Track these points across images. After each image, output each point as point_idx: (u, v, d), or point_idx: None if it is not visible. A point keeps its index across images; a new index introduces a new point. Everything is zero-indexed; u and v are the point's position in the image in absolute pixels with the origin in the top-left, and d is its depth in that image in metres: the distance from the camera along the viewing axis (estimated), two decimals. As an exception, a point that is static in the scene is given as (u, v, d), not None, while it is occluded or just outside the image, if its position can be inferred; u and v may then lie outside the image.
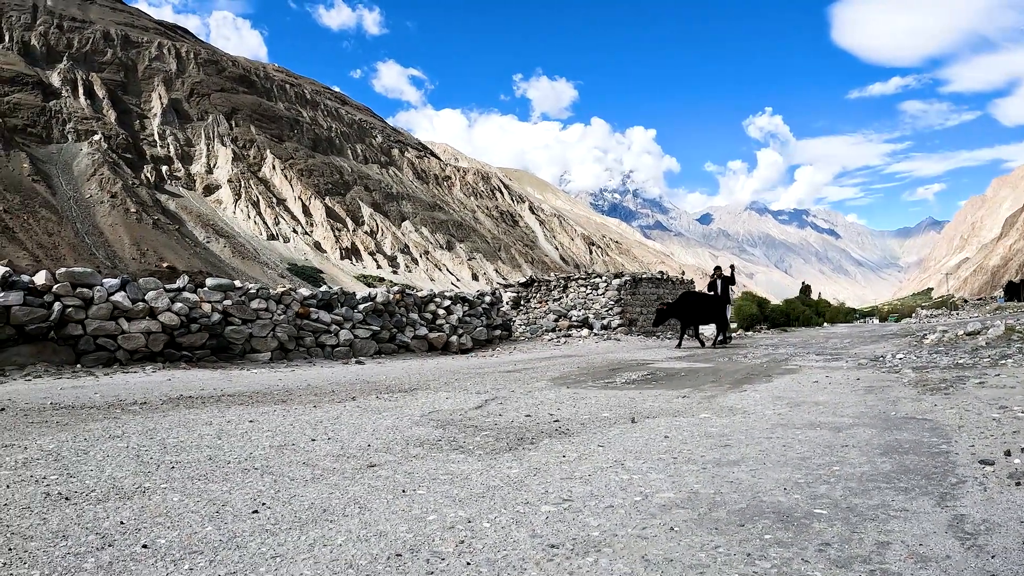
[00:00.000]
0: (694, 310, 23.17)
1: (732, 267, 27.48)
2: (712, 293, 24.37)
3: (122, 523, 3.76)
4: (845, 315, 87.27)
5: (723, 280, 24.48)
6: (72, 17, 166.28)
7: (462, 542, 3.40)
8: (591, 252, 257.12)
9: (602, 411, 7.50)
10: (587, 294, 28.60)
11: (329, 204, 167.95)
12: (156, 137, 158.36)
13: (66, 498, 4.24)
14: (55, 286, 13.21)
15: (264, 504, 4.11)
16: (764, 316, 51.11)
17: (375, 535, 3.53)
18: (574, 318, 27.11)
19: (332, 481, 4.63)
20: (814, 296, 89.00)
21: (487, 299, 22.83)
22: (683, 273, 43.04)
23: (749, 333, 36.90)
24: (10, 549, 3.38)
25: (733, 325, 33.63)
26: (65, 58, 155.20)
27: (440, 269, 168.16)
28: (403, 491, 4.35)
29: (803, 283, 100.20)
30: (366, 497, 4.23)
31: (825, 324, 56.80)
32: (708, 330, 27.83)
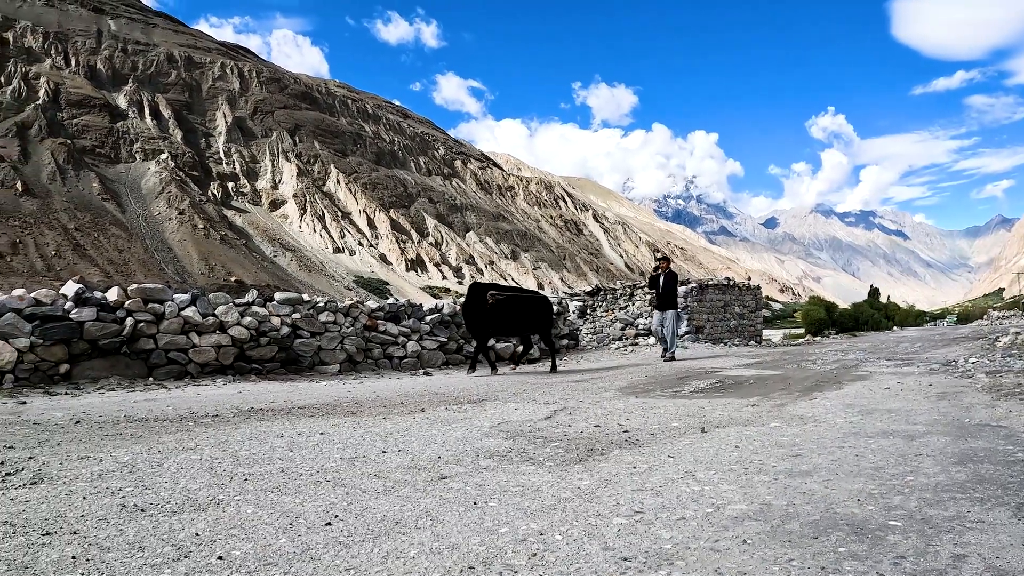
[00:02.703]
0: (489, 315, 15.91)
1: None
2: (531, 294, 18.48)
3: (197, 535, 3.82)
4: (915, 318, 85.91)
5: (668, 276, 20.22)
6: (136, 40, 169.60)
7: (534, 555, 3.40)
8: (656, 259, 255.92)
9: (671, 421, 7.46)
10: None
11: (394, 216, 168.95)
12: (221, 154, 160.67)
13: (142, 509, 4.31)
14: (127, 302, 13.45)
15: (337, 516, 4.14)
16: (832, 321, 50.58)
17: (447, 548, 3.54)
18: (640, 326, 26.97)
19: (404, 493, 4.64)
20: (883, 299, 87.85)
21: (553, 309, 22.83)
22: (749, 278, 42.55)
23: (817, 338, 36.51)
24: (88, 560, 3.44)
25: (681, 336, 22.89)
26: (131, 80, 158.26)
27: (505, 279, 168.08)
28: (474, 503, 4.35)
29: (871, 286, 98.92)
30: (438, 509, 4.24)
31: (895, 328, 56.03)
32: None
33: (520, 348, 18.72)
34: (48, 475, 5.24)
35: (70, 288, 13.33)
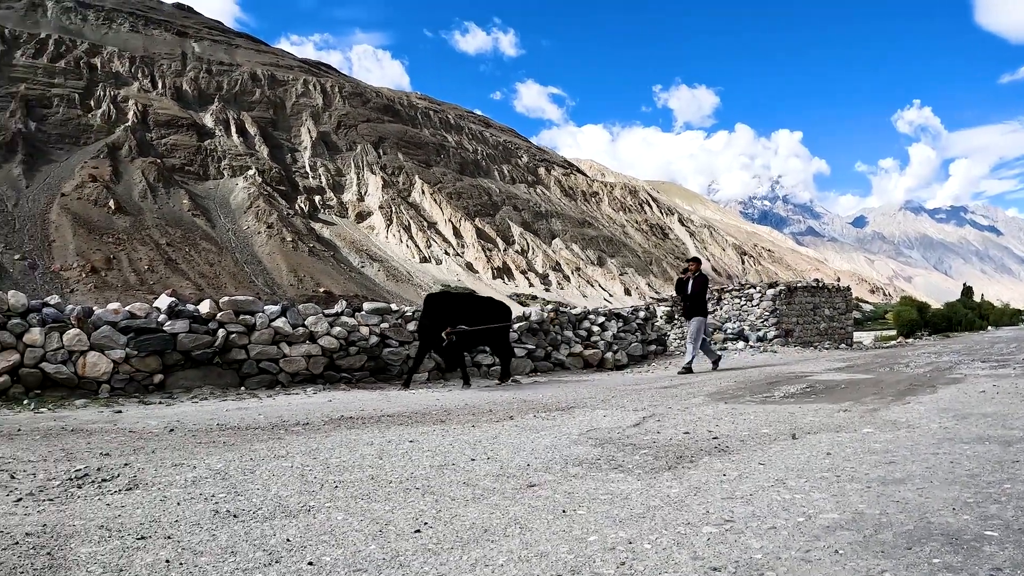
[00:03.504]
0: (443, 326, 14.66)
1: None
2: (485, 300, 17.42)
3: (288, 540, 3.89)
4: (1010, 317, 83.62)
5: (697, 280, 17.87)
6: (220, 61, 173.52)
7: (623, 564, 3.39)
8: (743, 262, 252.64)
9: (761, 427, 7.36)
10: (741, 305, 28.15)
11: (479, 225, 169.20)
12: (307, 169, 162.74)
13: (234, 515, 4.41)
14: (219, 314, 13.79)
15: (426, 523, 4.17)
16: (925, 322, 49.52)
17: (536, 556, 3.54)
18: (729, 331, 26.74)
19: (492, 501, 4.66)
20: (976, 298, 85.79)
21: (641, 314, 22.70)
22: (838, 279, 41.62)
23: (910, 340, 35.82)
24: (181, 563, 3.52)
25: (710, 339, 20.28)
26: (216, 100, 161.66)
27: (592, 285, 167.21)
28: (563, 511, 4.34)
29: (964, 285, 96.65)
30: (526, 517, 4.24)
31: (989, 328, 54.70)
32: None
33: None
34: (143, 481, 5.39)
35: (163, 302, 13.71)
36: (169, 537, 3.96)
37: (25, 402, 11.27)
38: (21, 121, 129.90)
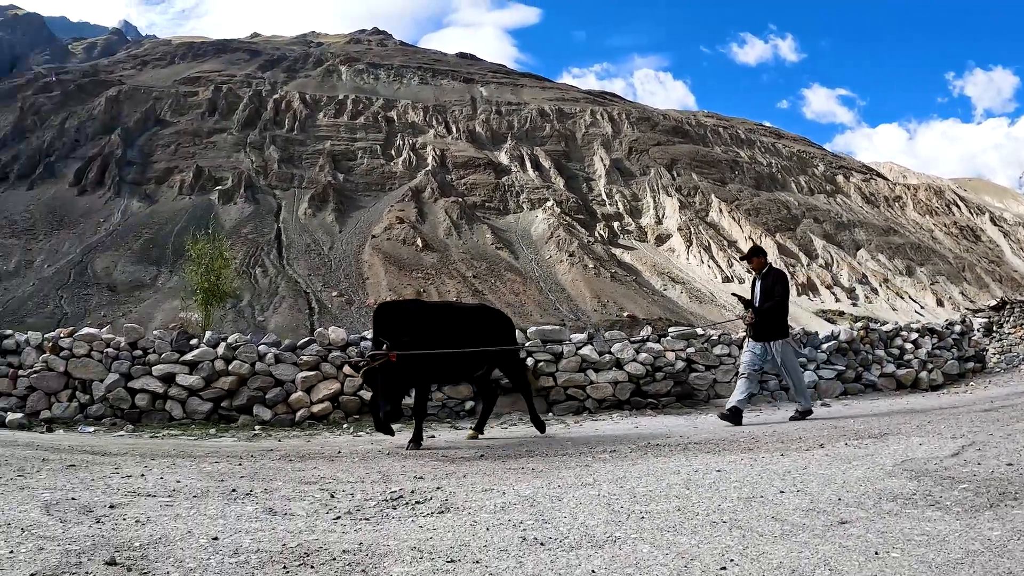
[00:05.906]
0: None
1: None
2: (472, 307, 13.92)
3: (593, 572, 3.93)
4: None
5: (768, 278, 12.61)
6: (507, 102, 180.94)
7: (938, 615, 3.28)
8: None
9: (1097, 457, 6.82)
10: (1071, 316, 26.21)
11: (780, 240, 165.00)
12: (603, 196, 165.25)
13: (541, 543, 4.48)
14: (527, 343, 14.51)
15: (732, 560, 4.10)
16: None
17: (846, 602, 3.47)
18: (1059, 345, 24.92)
19: (801, 538, 4.53)
20: None
21: (956, 328, 21.44)
22: None
23: None
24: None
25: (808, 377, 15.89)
26: (508, 138, 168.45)
27: (901, 297, 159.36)
28: (875, 553, 4.18)
29: None
30: (836, 558, 4.11)
31: None
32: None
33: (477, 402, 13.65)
34: (454, 505, 5.61)
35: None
36: (477, 562, 4.11)
37: (344, 426, 12.37)
38: (330, 174, 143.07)
